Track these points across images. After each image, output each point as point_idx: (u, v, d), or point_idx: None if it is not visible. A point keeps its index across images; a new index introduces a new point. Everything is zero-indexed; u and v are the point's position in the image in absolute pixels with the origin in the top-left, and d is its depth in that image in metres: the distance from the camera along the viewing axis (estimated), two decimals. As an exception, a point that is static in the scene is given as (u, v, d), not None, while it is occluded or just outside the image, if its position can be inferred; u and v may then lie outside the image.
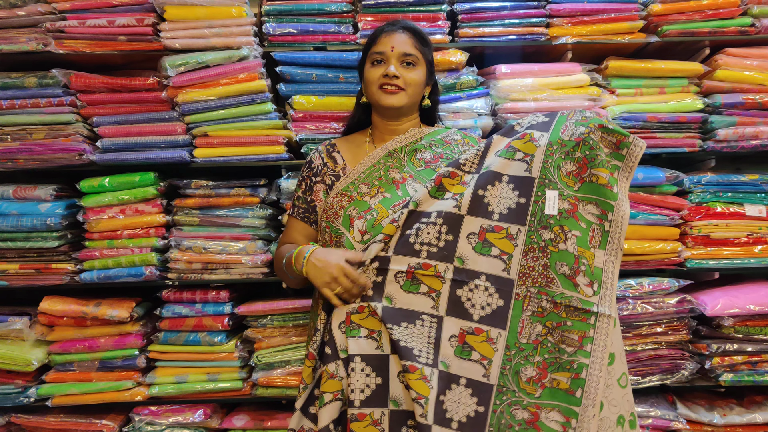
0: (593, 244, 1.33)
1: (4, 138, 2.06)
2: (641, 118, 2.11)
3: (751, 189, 2.13)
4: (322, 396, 1.31)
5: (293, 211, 1.57)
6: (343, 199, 1.47)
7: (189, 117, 2.07)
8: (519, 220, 1.35)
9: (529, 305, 1.32)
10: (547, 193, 1.34)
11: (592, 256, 1.32)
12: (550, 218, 1.33)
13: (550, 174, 1.35)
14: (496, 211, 1.35)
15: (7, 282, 2.11)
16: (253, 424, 2.16)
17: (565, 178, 1.34)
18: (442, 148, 1.55)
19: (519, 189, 1.35)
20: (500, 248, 1.34)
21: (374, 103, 1.55)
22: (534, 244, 1.34)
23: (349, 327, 1.32)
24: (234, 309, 2.13)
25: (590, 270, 1.32)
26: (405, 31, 1.52)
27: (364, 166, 1.52)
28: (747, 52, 2.12)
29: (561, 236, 1.33)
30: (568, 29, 2.11)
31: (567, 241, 1.32)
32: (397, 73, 1.48)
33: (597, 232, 1.33)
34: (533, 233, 1.34)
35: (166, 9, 2.00)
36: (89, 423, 2.14)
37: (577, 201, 1.34)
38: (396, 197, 1.44)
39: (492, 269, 1.33)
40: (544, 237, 1.33)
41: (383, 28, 1.54)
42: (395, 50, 1.49)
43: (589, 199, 1.34)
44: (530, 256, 1.33)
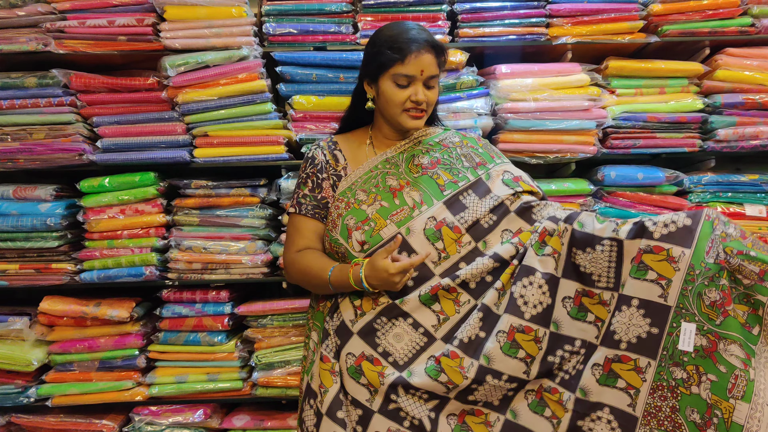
0: (734, 394, 1.09)
1: (4, 138, 2.06)
2: (641, 118, 2.11)
3: (751, 189, 2.13)
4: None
5: (300, 209, 1.49)
6: (340, 205, 1.46)
7: (189, 117, 2.07)
8: (649, 352, 1.19)
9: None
10: (683, 325, 1.15)
11: (731, 408, 1.09)
12: (684, 355, 1.15)
13: (689, 303, 1.15)
14: (624, 339, 1.21)
15: (7, 282, 2.11)
16: (253, 424, 2.16)
17: (706, 310, 1.13)
18: (439, 153, 1.53)
19: (651, 317, 1.18)
20: (627, 381, 1.21)
21: (395, 123, 1.49)
22: (663, 381, 1.17)
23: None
24: (234, 309, 2.13)
25: (725, 425, 1.10)
26: (430, 50, 1.42)
27: (362, 172, 1.50)
28: (747, 52, 2.12)
29: (695, 377, 1.14)
30: (568, 29, 2.11)
31: (701, 385, 1.13)
32: (425, 98, 1.44)
33: (741, 380, 1.09)
34: (663, 369, 1.17)
35: (166, 9, 2.00)
36: (89, 423, 2.14)
37: (717, 338, 1.12)
38: (394, 206, 1.42)
39: (617, 402, 1.22)
40: (676, 376, 1.16)
41: (409, 47, 1.39)
42: (424, 74, 1.41)
43: (733, 338, 1.11)
44: (658, 395, 1.18)
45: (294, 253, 1.49)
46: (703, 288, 1.13)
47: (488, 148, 1.60)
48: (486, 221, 1.42)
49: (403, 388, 1.33)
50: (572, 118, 2.10)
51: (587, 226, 1.30)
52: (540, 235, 1.35)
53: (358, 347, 1.37)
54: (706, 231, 1.15)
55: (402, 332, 1.36)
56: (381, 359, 1.35)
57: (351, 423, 1.36)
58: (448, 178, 1.47)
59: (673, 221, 1.17)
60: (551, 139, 2.11)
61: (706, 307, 1.13)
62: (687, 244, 1.15)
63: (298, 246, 1.49)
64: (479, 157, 1.54)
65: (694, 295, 1.14)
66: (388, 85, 1.43)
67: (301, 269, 1.45)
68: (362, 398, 1.35)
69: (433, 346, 1.36)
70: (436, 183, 1.46)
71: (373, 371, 1.34)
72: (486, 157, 1.55)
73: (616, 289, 1.24)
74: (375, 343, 1.36)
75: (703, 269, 1.13)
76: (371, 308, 1.38)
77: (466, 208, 1.43)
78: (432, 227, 1.39)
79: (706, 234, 1.15)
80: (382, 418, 1.33)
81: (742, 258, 1.10)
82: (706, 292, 1.13)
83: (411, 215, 1.41)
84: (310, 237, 1.49)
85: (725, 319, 1.11)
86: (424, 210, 1.42)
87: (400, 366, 1.34)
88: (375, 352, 1.36)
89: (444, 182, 1.47)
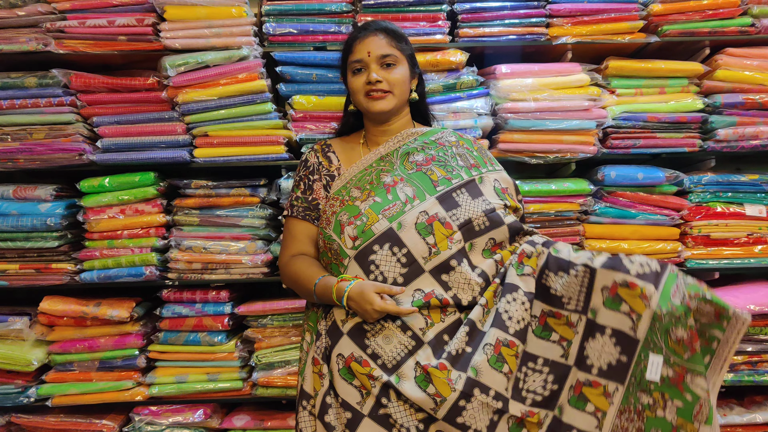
0: (699, 419, 1.18)
1: (4, 138, 2.06)
2: (641, 118, 2.11)
3: (751, 189, 2.13)
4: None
5: (292, 212, 1.53)
6: (335, 204, 1.46)
7: (189, 117, 2.07)
8: (618, 378, 1.25)
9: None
10: (651, 357, 1.22)
11: (695, 430, 1.18)
12: (651, 383, 1.22)
13: (657, 338, 1.22)
14: (596, 365, 1.27)
15: (7, 282, 2.11)
16: (253, 424, 2.16)
17: (673, 345, 1.20)
18: (435, 150, 1.53)
19: (621, 346, 1.25)
20: (595, 405, 1.26)
21: (364, 111, 1.54)
22: (630, 405, 1.24)
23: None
24: (234, 309, 2.13)
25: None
26: (377, 33, 1.50)
27: (356, 170, 1.51)
28: (747, 52, 2.12)
29: (660, 402, 1.21)
30: (568, 29, 2.11)
31: (666, 409, 1.20)
32: (379, 77, 1.47)
33: (705, 407, 1.18)
34: (631, 394, 1.24)
35: (166, 9, 2.00)
36: (89, 423, 2.14)
37: (684, 371, 1.19)
38: (386, 201, 1.42)
39: (585, 425, 1.27)
40: (642, 401, 1.23)
41: (356, 35, 1.51)
42: (372, 54, 1.47)
43: (699, 372, 1.18)
44: (625, 417, 1.24)
45: (287, 257, 1.52)
46: (670, 326, 1.20)
47: (482, 152, 1.60)
48: (478, 224, 1.42)
49: (395, 393, 1.32)
50: (572, 118, 2.10)
51: (562, 253, 1.35)
52: (519, 256, 1.40)
53: (347, 348, 1.36)
54: (672, 277, 1.23)
55: (391, 334, 1.35)
56: (370, 361, 1.34)
57: (340, 426, 1.35)
58: (442, 174, 1.47)
59: (648, 264, 1.24)
60: (551, 139, 2.11)
61: (673, 343, 1.20)
62: (657, 285, 1.22)
63: (291, 251, 1.53)
64: (473, 159, 1.54)
65: (662, 332, 1.20)
66: (349, 77, 1.54)
67: (291, 276, 1.49)
68: (353, 401, 1.34)
69: (421, 349, 1.34)
70: (430, 179, 1.46)
71: (362, 373, 1.33)
72: (479, 160, 1.55)
73: (584, 312, 1.29)
74: (364, 345, 1.35)
75: (669, 308, 1.20)
76: None
77: (458, 206, 1.42)
78: (423, 221, 1.39)
79: (672, 279, 1.23)
80: (372, 422, 1.32)
81: (699, 300, 1.20)
82: (673, 329, 1.19)
83: (403, 210, 1.40)
84: (303, 240, 1.53)
85: (693, 355, 1.19)
86: (417, 204, 1.41)
87: (388, 369, 1.33)
88: (364, 354, 1.35)
89: (437, 178, 1.46)
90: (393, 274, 1.36)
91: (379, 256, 1.37)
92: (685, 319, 1.19)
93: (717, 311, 1.19)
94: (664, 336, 1.21)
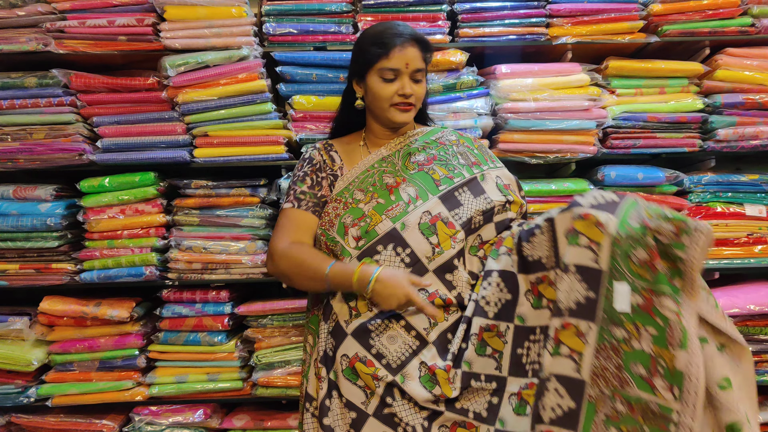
0: (673, 344, 1.15)
1: (4, 138, 2.06)
2: (641, 118, 2.11)
3: (751, 189, 2.14)
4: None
5: (299, 205, 1.48)
6: (338, 206, 1.46)
7: (189, 117, 2.07)
8: (589, 315, 1.22)
9: (602, 408, 1.21)
10: (615, 286, 1.20)
11: (672, 357, 1.15)
12: (622, 315, 1.20)
13: (619, 265, 1.20)
14: (565, 305, 1.25)
15: (7, 282, 2.11)
16: (253, 424, 2.16)
17: (636, 269, 1.19)
18: (436, 150, 1.53)
19: (587, 281, 1.23)
20: (570, 346, 1.24)
21: (384, 119, 1.51)
22: (606, 342, 1.21)
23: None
24: (234, 309, 2.13)
25: (669, 373, 1.16)
26: (415, 44, 1.45)
27: (359, 171, 1.50)
28: (747, 52, 2.13)
29: (635, 334, 1.19)
30: (568, 29, 2.11)
31: (641, 340, 1.18)
32: (412, 91, 1.45)
33: (676, 330, 1.15)
34: (604, 331, 1.21)
35: (166, 9, 2.00)
36: (89, 423, 2.14)
37: (651, 294, 1.18)
38: (389, 202, 1.42)
39: (563, 370, 1.24)
40: (616, 335, 1.20)
41: (393, 41, 1.42)
42: (409, 67, 1.43)
43: (665, 292, 1.17)
44: (602, 356, 1.21)
45: (286, 243, 1.44)
46: (630, 249, 1.19)
47: (483, 150, 1.61)
48: (476, 222, 1.43)
49: (399, 392, 1.32)
50: (572, 118, 2.10)
51: (530, 222, 1.38)
52: (497, 243, 1.43)
53: (352, 348, 1.36)
54: (631, 203, 1.24)
55: (396, 334, 1.35)
56: (374, 361, 1.34)
57: (344, 426, 1.35)
58: (444, 173, 1.48)
59: (603, 196, 1.26)
60: (551, 139, 2.11)
61: (636, 267, 1.19)
62: (612, 211, 1.22)
63: (291, 237, 1.45)
64: (474, 157, 1.55)
65: (624, 257, 1.19)
66: (374, 81, 1.46)
67: (294, 259, 1.41)
68: (357, 401, 1.34)
69: (425, 349, 1.35)
70: (432, 178, 1.47)
71: (366, 373, 1.33)
72: (480, 158, 1.56)
73: (558, 265, 1.28)
74: (368, 345, 1.36)
75: (628, 232, 1.19)
76: (367, 309, 1.37)
77: (461, 205, 1.43)
78: (427, 221, 1.39)
79: (631, 205, 1.24)
80: (377, 422, 1.33)
81: (659, 219, 1.19)
82: (633, 252, 1.19)
83: (406, 210, 1.40)
84: (305, 231, 1.48)
85: (656, 275, 1.17)
86: (419, 204, 1.41)
87: (393, 369, 1.34)
88: (368, 354, 1.35)
89: (440, 177, 1.47)
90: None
91: (382, 257, 1.37)
92: (644, 239, 1.18)
93: (677, 227, 1.17)
94: (626, 261, 1.20)
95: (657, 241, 1.18)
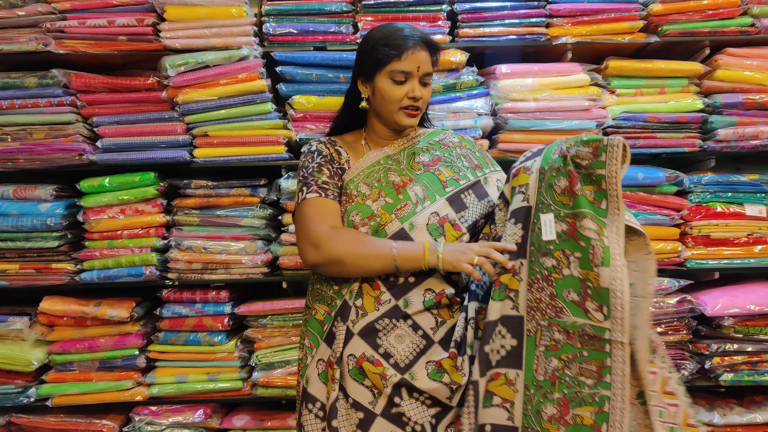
0: (595, 263, 1.19)
1: (4, 138, 2.06)
2: (641, 118, 2.11)
3: (751, 189, 2.13)
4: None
5: (326, 194, 1.43)
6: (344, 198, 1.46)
7: (189, 117, 2.07)
8: (520, 253, 1.27)
9: (541, 340, 1.25)
10: (541, 217, 1.25)
11: (597, 276, 1.18)
12: (550, 244, 1.24)
13: (544, 197, 1.27)
14: (506, 252, 1.30)
15: (7, 282, 2.11)
16: (253, 424, 2.16)
17: (559, 198, 1.25)
18: (440, 151, 1.54)
19: (520, 221, 1.29)
20: (508, 286, 1.28)
21: (391, 122, 1.49)
22: (537, 274, 1.25)
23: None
24: (234, 309, 2.13)
25: (597, 292, 1.19)
26: (426, 47, 1.43)
27: (364, 164, 1.50)
28: (747, 52, 2.12)
29: (564, 261, 1.23)
30: (568, 29, 2.11)
31: (570, 265, 1.22)
32: (422, 95, 1.45)
33: (598, 249, 1.19)
34: (534, 263, 1.26)
35: (166, 9, 2.00)
36: (89, 423, 2.14)
37: (575, 218, 1.22)
38: (398, 201, 1.43)
39: (503, 311, 1.28)
40: (546, 265, 1.24)
41: (406, 43, 1.40)
42: (421, 70, 1.42)
43: (585, 213, 1.21)
44: (535, 288, 1.26)
45: (326, 227, 1.38)
46: (552, 179, 1.26)
47: (483, 153, 1.63)
48: (479, 225, 1.46)
49: (407, 390, 1.32)
50: (572, 118, 2.10)
51: (495, 208, 1.45)
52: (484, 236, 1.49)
53: (359, 348, 1.36)
54: (554, 143, 1.33)
55: (403, 333, 1.36)
56: (382, 360, 1.34)
57: (351, 427, 1.34)
58: (450, 174, 1.49)
59: (531, 150, 1.37)
60: (551, 139, 2.07)
61: (559, 195, 1.25)
62: (537, 155, 1.33)
63: (329, 222, 1.39)
64: (477, 160, 1.57)
65: (547, 188, 1.27)
66: (384, 82, 1.43)
67: (351, 238, 1.36)
68: (365, 401, 1.34)
69: (432, 349, 1.36)
70: (439, 179, 1.47)
71: (375, 373, 1.33)
72: (482, 161, 1.58)
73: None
74: (376, 344, 1.36)
75: (549, 164, 1.28)
76: (374, 308, 1.37)
77: (466, 208, 1.45)
78: (435, 223, 1.40)
79: (554, 144, 1.33)
80: (385, 421, 1.33)
81: (577, 145, 1.25)
82: (556, 182, 1.26)
83: (414, 210, 1.41)
84: (337, 218, 1.43)
85: (575, 199, 1.23)
86: (427, 205, 1.42)
87: (401, 368, 1.34)
88: (376, 353, 1.35)
89: (446, 178, 1.48)
90: (404, 274, 1.38)
91: None
92: (564, 167, 1.25)
93: (594, 148, 1.22)
94: (550, 193, 1.26)
95: (578, 166, 1.24)
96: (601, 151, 1.20)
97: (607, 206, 1.22)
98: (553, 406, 1.22)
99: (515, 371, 1.26)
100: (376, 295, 1.38)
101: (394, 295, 1.37)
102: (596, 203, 1.22)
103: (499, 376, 1.27)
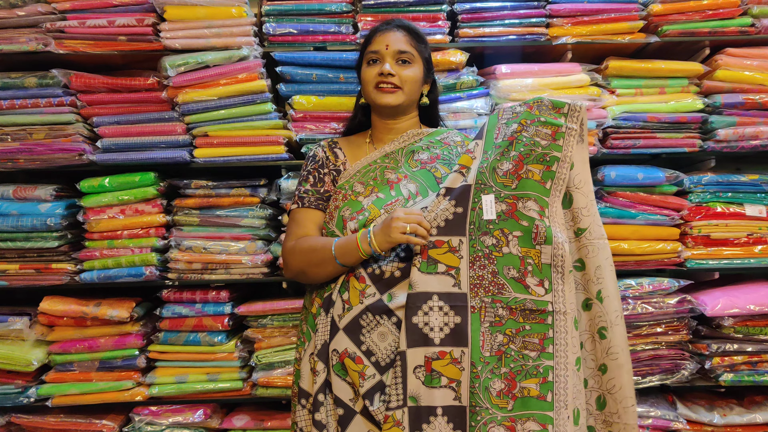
0: (538, 241, 1.29)
1: (4, 138, 2.06)
2: (641, 118, 2.11)
3: (751, 189, 2.13)
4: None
5: (302, 203, 1.51)
6: (338, 197, 1.47)
7: (189, 117, 2.07)
8: (459, 230, 1.32)
9: (486, 316, 1.29)
10: (482, 198, 1.32)
11: (538, 253, 1.29)
12: (490, 223, 1.31)
13: (485, 178, 1.33)
14: (434, 225, 1.33)
15: (7, 282, 2.11)
16: (253, 424, 2.16)
17: (501, 179, 1.33)
18: (440, 149, 1.54)
19: (456, 199, 1.33)
20: (446, 263, 1.31)
21: (372, 103, 1.54)
22: (478, 252, 1.31)
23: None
24: (234, 309, 2.13)
25: (537, 269, 1.29)
26: (400, 29, 1.52)
27: (361, 165, 1.51)
28: (747, 52, 2.12)
29: (503, 240, 1.30)
30: (568, 29, 2.11)
31: (509, 244, 1.30)
32: (392, 71, 1.47)
33: (541, 228, 1.29)
34: (475, 241, 1.31)
35: (166, 9, 2.00)
36: (89, 423, 2.14)
37: (516, 200, 1.31)
38: (389, 197, 1.43)
39: (443, 287, 1.30)
40: (487, 243, 1.31)
41: (378, 28, 1.54)
42: (390, 48, 1.48)
43: (528, 195, 1.31)
44: (477, 265, 1.31)
45: (293, 241, 1.47)
46: (496, 163, 1.34)
47: None
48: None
49: (380, 396, 1.31)
50: (572, 118, 2.10)
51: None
52: None
53: (342, 343, 1.36)
54: (493, 123, 1.41)
55: (386, 331, 1.35)
56: (363, 358, 1.34)
57: (333, 423, 1.35)
58: (446, 172, 1.49)
59: (478, 127, 1.47)
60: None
61: (501, 178, 1.33)
62: (479, 137, 1.42)
63: (296, 236, 1.48)
64: None
65: (490, 171, 1.34)
66: (363, 68, 1.54)
67: (302, 250, 1.42)
68: (346, 397, 1.34)
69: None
70: (434, 176, 1.48)
71: (354, 370, 1.33)
72: None
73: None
74: (359, 341, 1.35)
75: (493, 149, 1.35)
76: (358, 302, 1.36)
77: None
78: None
79: (493, 125, 1.40)
80: (363, 419, 1.33)
81: (536, 125, 1.33)
82: (499, 165, 1.34)
83: (404, 205, 1.41)
84: (310, 227, 1.49)
85: (520, 182, 1.32)
86: (419, 201, 1.42)
87: (381, 367, 1.33)
88: (358, 350, 1.34)
89: (441, 176, 1.48)
90: (391, 268, 1.38)
91: None
92: (508, 153, 1.34)
93: (553, 132, 1.33)
94: (492, 175, 1.33)
95: (536, 144, 1.32)
96: (560, 136, 1.32)
97: (551, 187, 1.32)
98: (501, 381, 1.27)
99: (460, 349, 1.29)
100: (362, 288, 1.38)
101: (379, 289, 1.37)
102: (542, 182, 1.32)
103: (444, 355, 1.29)
